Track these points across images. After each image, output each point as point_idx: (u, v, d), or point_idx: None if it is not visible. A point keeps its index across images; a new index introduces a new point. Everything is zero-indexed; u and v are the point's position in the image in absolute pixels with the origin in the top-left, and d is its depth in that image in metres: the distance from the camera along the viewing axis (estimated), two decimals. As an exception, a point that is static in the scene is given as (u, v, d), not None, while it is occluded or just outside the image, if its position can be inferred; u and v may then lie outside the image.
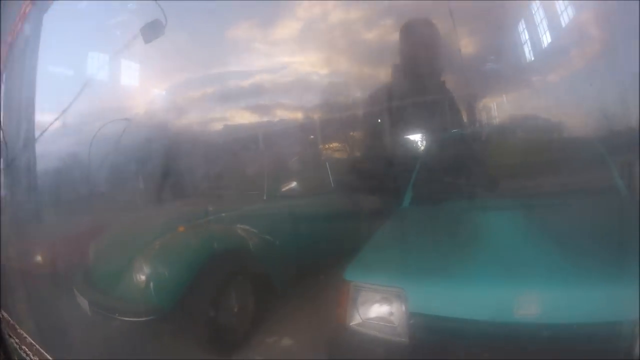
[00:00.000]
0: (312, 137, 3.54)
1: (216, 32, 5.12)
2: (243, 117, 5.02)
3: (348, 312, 1.62)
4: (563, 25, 3.84)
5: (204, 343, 2.39)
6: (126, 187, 3.81)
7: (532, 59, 3.92)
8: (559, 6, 3.84)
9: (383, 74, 3.60)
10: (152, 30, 3.55)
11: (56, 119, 4.34)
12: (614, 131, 3.03)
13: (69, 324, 2.58)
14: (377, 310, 1.58)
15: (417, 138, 3.32)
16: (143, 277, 2.31)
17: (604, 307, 1.36)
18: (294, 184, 2.89)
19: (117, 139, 4.40)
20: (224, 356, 2.45)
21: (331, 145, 3.62)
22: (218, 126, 5.17)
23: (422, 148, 2.86)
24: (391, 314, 1.56)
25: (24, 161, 3.79)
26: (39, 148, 4.31)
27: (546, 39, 3.86)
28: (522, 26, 3.97)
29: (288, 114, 4.34)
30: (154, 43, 4.67)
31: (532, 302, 1.42)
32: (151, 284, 2.29)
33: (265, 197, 2.83)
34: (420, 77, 3.33)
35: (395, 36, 3.79)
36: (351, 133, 3.64)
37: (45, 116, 4.61)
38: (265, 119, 4.42)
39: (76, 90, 4.94)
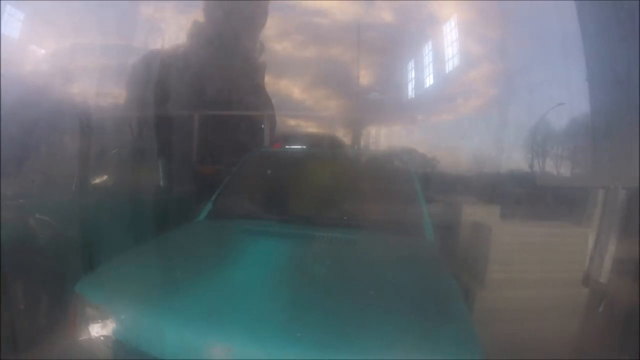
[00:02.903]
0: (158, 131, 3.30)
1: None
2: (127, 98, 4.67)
3: (77, 326, 1.48)
4: (447, 71, 4.02)
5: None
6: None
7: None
8: (447, 54, 4.00)
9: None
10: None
11: None
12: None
13: None
14: (98, 330, 1.44)
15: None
16: None
17: None
18: (107, 178, 2.61)
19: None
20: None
21: (177, 144, 3.42)
22: (104, 102, 4.76)
23: (239, 162, 2.70)
24: (110, 335, 1.41)
25: None
26: None
27: (429, 81, 4.03)
28: (410, 65, 4.10)
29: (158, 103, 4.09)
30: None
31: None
32: None
33: (74, 188, 2.52)
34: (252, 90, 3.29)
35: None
36: (202, 135, 3.49)
37: None
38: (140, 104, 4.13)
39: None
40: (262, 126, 3.89)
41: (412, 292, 1.54)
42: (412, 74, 4.09)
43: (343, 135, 4.02)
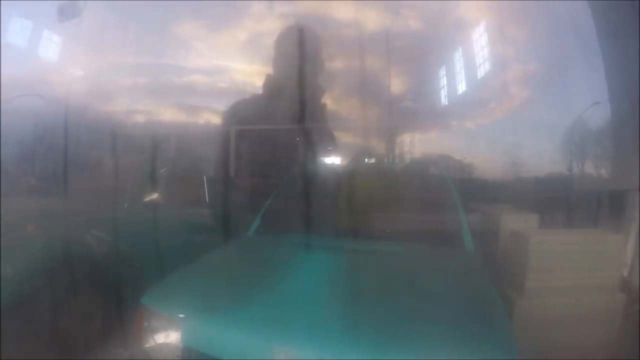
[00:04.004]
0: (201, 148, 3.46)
1: (158, 22, 4.89)
2: (168, 115, 4.88)
3: (143, 336, 1.64)
4: (479, 76, 4.03)
5: (42, 346, 2.31)
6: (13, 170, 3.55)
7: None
8: (478, 58, 4.02)
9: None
10: (69, 9, 3.37)
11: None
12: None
13: None
14: (166, 338, 1.60)
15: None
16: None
17: None
18: (157, 196, 2.80)
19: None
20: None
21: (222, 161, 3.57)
22: (140, 119, 4.97)
23: (284, 177, 2.83)
24: (178, 343, 1.56)
25: None
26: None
27: (461, 87, 4.05)
28: (442, 72, 4.14)
29: (197, 120, 4.28)
30: (88, 21, 4.45)
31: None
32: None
33: (126, 205, 2.72)
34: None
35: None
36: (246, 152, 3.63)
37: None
38: (181, 121, 4.33)
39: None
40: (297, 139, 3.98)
41: (452, 302, 1.64)
42: (444, 81, 4.13)
43: (378, 145, 4.10)
